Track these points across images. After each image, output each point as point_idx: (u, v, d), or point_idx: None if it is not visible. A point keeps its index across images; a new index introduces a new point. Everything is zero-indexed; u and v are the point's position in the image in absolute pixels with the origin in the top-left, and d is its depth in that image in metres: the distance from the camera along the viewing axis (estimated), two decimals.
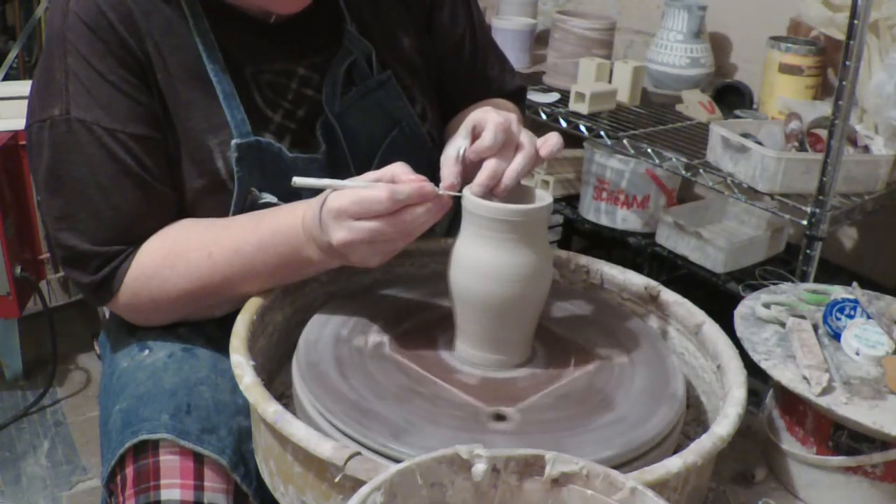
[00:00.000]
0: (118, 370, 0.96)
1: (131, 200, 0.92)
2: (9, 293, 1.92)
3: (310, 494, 0.72)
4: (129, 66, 0.92)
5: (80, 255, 0.92)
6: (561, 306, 0.97)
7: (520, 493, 0.62)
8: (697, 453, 0.70)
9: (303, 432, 0.70)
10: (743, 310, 0.94)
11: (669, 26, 2.03)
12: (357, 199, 0.80)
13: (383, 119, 1.05)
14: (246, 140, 0.94)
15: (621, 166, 1.99)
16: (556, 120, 1.94)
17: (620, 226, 2.04)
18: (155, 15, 0.93)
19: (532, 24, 2.29)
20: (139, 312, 0.96)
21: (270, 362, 0.93)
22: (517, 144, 0.85)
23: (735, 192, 1.61)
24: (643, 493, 0.60)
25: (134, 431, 0.86)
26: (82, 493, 1.80)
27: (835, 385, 0.80)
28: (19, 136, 1.93)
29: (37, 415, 2.02)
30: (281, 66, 0.99)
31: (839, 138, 1.41)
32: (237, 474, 0.87)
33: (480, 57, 1.18)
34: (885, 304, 0.95)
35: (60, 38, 0.91)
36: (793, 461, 0.86)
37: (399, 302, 0.96)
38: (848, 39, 1.36)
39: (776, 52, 1.87)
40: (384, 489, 0.58)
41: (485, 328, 0.84)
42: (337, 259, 0.87)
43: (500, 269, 0.81)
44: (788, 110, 1.76)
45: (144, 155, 0.92)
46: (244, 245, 0.89)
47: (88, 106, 0.90)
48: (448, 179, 0.83)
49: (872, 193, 1.59)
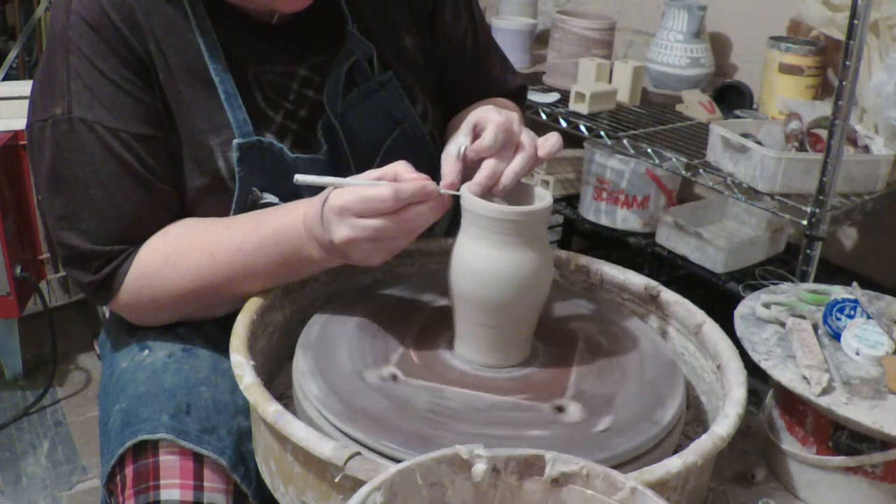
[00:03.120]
0: (118, 370, 0.96)
1: (133, 200, 0.92)
2: (9, 293, 1.92)
3: (310, 494, 0.72)
4: (132, 65, 0.92)
5: (82, 254, 0.92)
6: (561, 306, 0.97)
7: (520, 493, 0.62)
8: (697, 453, 0.70)
9: (303, 432, 0.70)
10: (743, 310, 0.94)
11: (669, 26, 2.03)
12: (360, 198, 0.80)
13: (385, 120, 1.05)
14: (248, 140, 0.94)
15: (621, 166, 1.98)
16: (556, 120, 1.94)
17: (620, 226, 2.04)
18: (157, 14, 0.93)
19: (532, 24, 2.29)
20: (140, 312, 0.96)
21: (270, 362, 0.93)
22: (517, 144, 0.85)
23: (735, 192, 1.61)
24: (643, 493, 0.60)
25: (134, 431, 0.86)
26: (82, 493, 1.80)
27: (835, 385, 0.80)
28: (19, 136, 1.93)
29: (37, 415, 2.02)
30: (282, 67, 0.99)
31: (839, 138, 1.41)
32: (237, 474, 0.87)
33: (482, 56, 1.18)
34: (885, 304, 0.95)
35: (63, 38, 0.91)
36: (793, 461, 0.86)
37: (400, 302, 0.96)
38: (848, 39, 1.36)
39: (776, 52, 1.87)
40: (384, 489, 0.58)
41: (485, 328, 0.84)
42: (338, 257, 0.87)
43: (500, 269, 0.81)
44: (788, 110, 1.76)
45: (147, 154, 0.92)
46: (245, 244, 0.89)
47: (91, 105, 0.90)
48: (448, 177, 0.83)
49: (872, 193, 1.59)
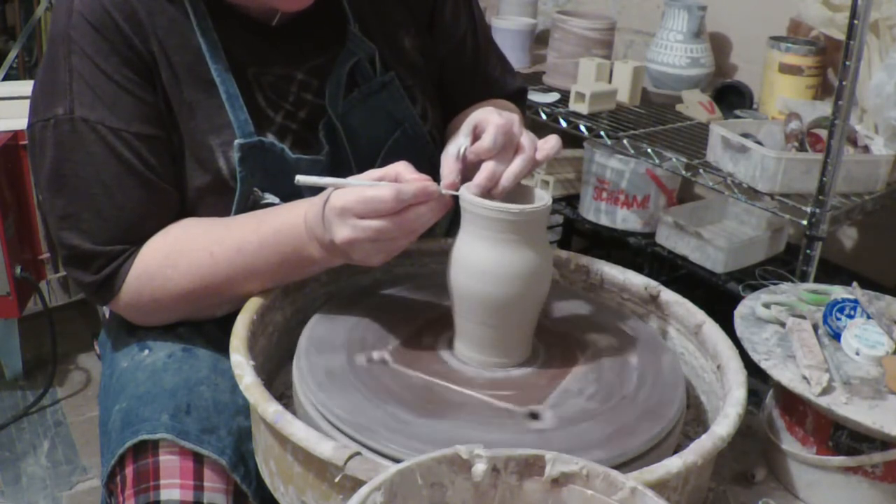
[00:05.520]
0: (118, 370, 0.96)
1: (135, 200, 0.92)
2: (9, 293, 1.91)
3: (310, 494, 0.72)
4: (134, 65, 0.92)
5: (83, 254, 0.92)
6: (561, 306, 0.97)
7: (520, 493, 0.62)
8: (697, 453, 0.70)
9: (303, 432, 0.70)
10: (743, 310, 0.94)
11: (669, 26, 2.03)
12: (362, 198, 0.80)
13: (386, 120, 1.05)
14: (249, 140, 0.94)
15: (621, 166, 1.98)
16: (556, 120, 1.94)
17: (620, 226, 2.04)
18: (159, 14, 0.93)
19: (532, 24, 2.29)
20: (141, 312, 0.96)
21: (270, 362, 0.93)
22: (517, 146, 0.85)
23: (735, 192, 1.61)
24: (643, 493, 0.60)
25: (134, 431, 0.86)
26: (82, 493, 1.80)
27: (835, 385, 0.80)
28: (19, 136, 1.93)
29: (37, 415, 2.02)
30: (281, 70, 0.99)
31: (839, 138, 1.41)
32: (237, 474, 0.87)
33: (482, 57, 1.18)
34: (885, 304, 0.95)
35: (65, 37, 0.91)
36: (793, 461, 0.86)
37: (399, 302, 0.96)
38: (848, 39, 1.36)
39: (776, 52, 1.87)
40: (384, 489, 0.58)
41: (485, 328, 0.84)
42: (339, 257, 0.87)
43: (499, 268, 0.81)
44: (788, 110, 1.76)
45: (148, 154, 0.92)
46: (246, 244, 0.89)
47: (93, 105, 0.90)
48: (448, 178, 0.84)
49: (872, 193, 1.59)
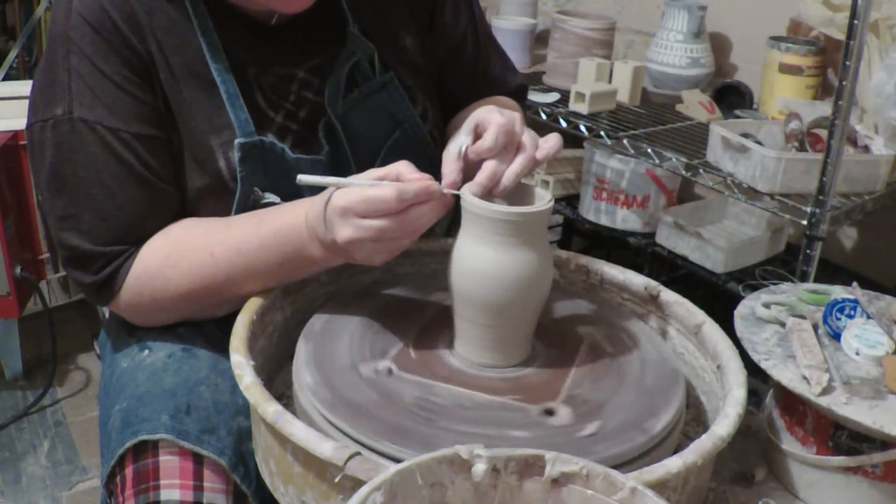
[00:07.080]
0: (118, 370, 0.96)
1: (135, 200, 0.92)
2: (9, 293, 1.91)
3: (310, 494, 0.72)
4: (133, 65, 0.92)
5: (83, 255, 0.92)
6: (561, 306, 0.97)
7: (520, 493, 0.62)
8: (697, 453, 0.70)
9: (303, 432, 0.70)
10: (743, 310, 0.94)
11: (669, 26, 2.03)
12: (364, 198, 0.80)
13: (386, 120, 1.05)
14: (250, 140, 0.94)
15: (621, 166, 1.98)
16: (556, 120, 1.94)
17: (620, 226, 2.04)
18: (158, 15, 0.93)
19: (532, 24, 2.29)
20: (141, 312, 0.96)
21: (270, 362, 0.93)
22: (518, 145, 0.85)
23: (735, 192, 1.61)
24: (643, 493, 0.60)
25: (134, 432, 0.86)
26: (82, 493, 1.80)
27: (835, 385, 0.80)
28: (19, 136, 1.93)
29: (37, 415, 2.02)
30: (281, 69, 0.99)
31: (839, 138, 1.40)
32: (237, 475, 0.87)
33: (482, 56, 1.18)
34: (885, 304, 0.95)
35: (63, 38, 0.91)
36: (793, 461, 0.86)
37: (400, 302, 0.96)
38: (848, 39, 1.36)
39: (776, 52, 1.87)
40: (384, 489, 0.58)
41: (484, 328, 0.84)
42: (340, 257, 0.87)
43: (500, 271, 0.81)
44: (788, 110, 1.76)
45: (148, 154, 0.92)
46: (246, 244, 0.89)
47: (92, 105, 0.90)
48: (449, 176, 0.84)
49: (872, 193, 1.59)
